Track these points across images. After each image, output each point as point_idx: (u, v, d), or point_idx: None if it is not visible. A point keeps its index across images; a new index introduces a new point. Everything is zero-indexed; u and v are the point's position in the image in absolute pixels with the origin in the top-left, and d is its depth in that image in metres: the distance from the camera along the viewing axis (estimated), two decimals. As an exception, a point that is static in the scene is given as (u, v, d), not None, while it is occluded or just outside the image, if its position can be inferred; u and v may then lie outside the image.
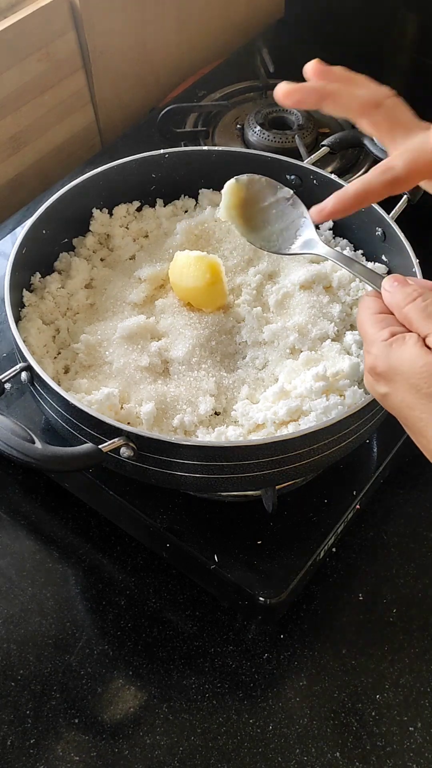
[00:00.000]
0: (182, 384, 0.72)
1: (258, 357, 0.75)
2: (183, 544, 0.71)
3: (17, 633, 0.71)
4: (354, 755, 0.65)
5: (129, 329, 0.74)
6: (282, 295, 0.78)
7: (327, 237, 0.85)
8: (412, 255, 0.75)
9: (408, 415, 0.51)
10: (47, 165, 1.08)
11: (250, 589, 0.68)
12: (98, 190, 0.83)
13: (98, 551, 0.76)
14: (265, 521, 0.73)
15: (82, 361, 0.74)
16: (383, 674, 0.69)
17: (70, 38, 1.01)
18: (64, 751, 0.65)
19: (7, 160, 1.02)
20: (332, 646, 0.71)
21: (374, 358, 0.52)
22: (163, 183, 0.86)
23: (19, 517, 0.78)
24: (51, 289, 0.79)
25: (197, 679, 0.69)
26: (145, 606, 0.73)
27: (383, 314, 0.54)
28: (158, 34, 1.13)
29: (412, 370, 0.50)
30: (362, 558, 0.75)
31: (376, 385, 0.52)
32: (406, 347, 0.51)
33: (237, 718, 0.67)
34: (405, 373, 0.50)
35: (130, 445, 0.63)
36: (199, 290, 0.75)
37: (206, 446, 0.64)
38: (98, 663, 0.69)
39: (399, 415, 0.52)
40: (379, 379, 0.52)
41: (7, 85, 0.96)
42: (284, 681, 0.69)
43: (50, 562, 0.75)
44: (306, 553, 0.71)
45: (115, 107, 1.12)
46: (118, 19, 1.05)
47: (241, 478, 0.66)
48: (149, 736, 0.66)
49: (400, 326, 0.53)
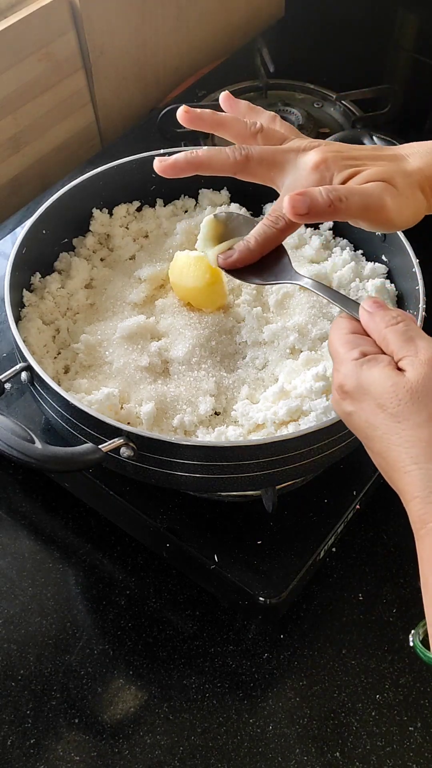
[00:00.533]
0: (182, 384, 0.72)
1: (258, 357, 0.75)
2: (183, 544, 0.71)
3: (17, 633, 0.71)
4: (354, 755, 0.65)
5: (129, 329, 0.74)
6: (282, 295, 0.78)
7: (327, 237, 0.85)
8: (412, 255, 0.75)
9: (371, 435, 0.50)
10: (47, 165, 1.08)
11: (250, 589, 0.68)
12: (98, 190, 0.83)
13: (98, 551, 0.76)
14: (265, 521, 0.73)
15: (82, 361, 0.74)
16: (383, 674, 0.69)
17: (70, 38, 1.01)
18: (64, 751, 0.65)
19: (7, 160, 1.02)
20: (332, 646, 0.71)
21: (343, 376, 0.52)
22: (163, 183, 0.86)
23: (19, 517, 0.78)
24: (51, 289, 0.79)
25: (197, 678, 0.69)
26: (145, 606, 0.73)
27: (356, 335, 0.54)
28: (158, 34, 1.13)
29: (380, 390, 0.50)
30: (362, 558, 0.75)
31: (342, 404, 0.52)
32: (376, 368, 0.51)
33: (237, 718, 0.67)
34: (372, 392, 0.50)
35: (130, 445, 0.63)
36: (199, 290, 0.75)
37: (206, 446, 0.64)
38: (98, 663, 0.69)
39: (362, 435, 0.52)
40: (346, 398, 0.52)
41: (7, 85, 0.96)
42: (284, 681, 0.69)
43: (50, 562, 0.75)
44: (306, 553, 0.71)
45: (115, 107, 1.12)
46: (118, 19, 1.05)
47: (241, 478, 0.66)
48: (149, 736, 0.66)
49: (373, 348, 0.53)
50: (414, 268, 0.75)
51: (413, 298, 0.75)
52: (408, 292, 0.77)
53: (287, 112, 1.08)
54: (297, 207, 0.56)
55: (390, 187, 0.58)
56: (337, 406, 0.53)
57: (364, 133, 0.90)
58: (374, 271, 0.81)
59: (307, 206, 0.56)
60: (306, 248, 0.83)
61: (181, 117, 0.64)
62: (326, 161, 0.60)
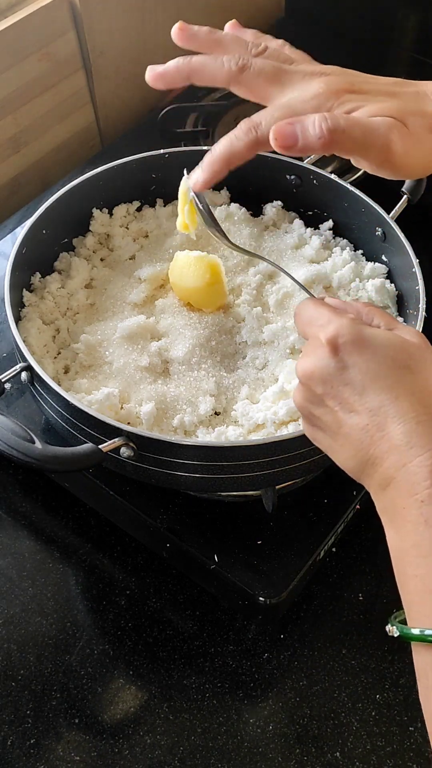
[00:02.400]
0: (182, 384, 0.72)
1: (258, 357, 0.75)
2: (183, 544, 0.71)
3: (17, 633, 0.71)
4: (354, 755, 0.65)
5: (129, 329, 0.74)
6: (282, 295, 0.78)
7: (327, 237, 0.85)
8: (412, 255, 0.75)
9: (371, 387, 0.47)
10: (47, 165, 1.08)
11: (250, 589, 0.68)
12: (98, 190, 0.83)
13: (98, 551, 0.76)
14: (265, 521, 0.73)
15: (82, 361, 0.74)
16: (383, 674, 0.69)
17: (70, 38, 1.01)
18: (64, 751, 0.65)
19: (7, 160, 1.02)
20: (332, 646, 0.71)
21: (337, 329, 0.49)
22: (163, 183, 0.86)
23: (19, 517, 0.78)
24: (51, 289, 0.79)
25: (197, 678, 0.69)
26: (145, 606, 0.73)
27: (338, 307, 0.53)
28: (158, 34, 1.13)
29: (390, 343, 0.49)
30: (362, 558, 0.75)
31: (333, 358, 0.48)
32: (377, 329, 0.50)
33: (237, 718, 0.67)
34: (381, 345, 0.49)
35: (130, 445, 0.63)
36: (199, 290, 0.75)
37: (206, 446, 0.64)
38: (98, 663, 0.69)
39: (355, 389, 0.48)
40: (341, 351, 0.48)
41: (7, 85, 0.96)
42: (284, 681, 0.69)
43: (50, 562, 0.75)
44: (306, 553, 0.71)
45: (115, 107, 1.12)
46: (118, 19, 1.05)
47: (241, 478, 0.66)
48: (149, 736, 0.66)
49: None
50: (414, 268, 0.75)
51: (413, 298, 0.75)
52: (408, 292, 0.77)
53: (287, 112, 1.08)
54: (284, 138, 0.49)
55: (399, 124, 0.51)
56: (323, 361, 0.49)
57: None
58: (374, 271, 0.81)
59: (296, 138, 0.49)
60: (306, 248, 0.83)
61: (175, 35, 0.57)
62: (329, 93, 0.52)
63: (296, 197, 0.87)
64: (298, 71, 0.55)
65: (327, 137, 0.49)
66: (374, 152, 0.51)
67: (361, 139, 0.50)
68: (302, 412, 0.53)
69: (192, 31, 0.58)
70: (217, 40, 0.57)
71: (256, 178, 0.86)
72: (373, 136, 0.50)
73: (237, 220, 0.85)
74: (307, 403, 0.52)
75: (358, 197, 0.81)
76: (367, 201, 0.80)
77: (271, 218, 0.87)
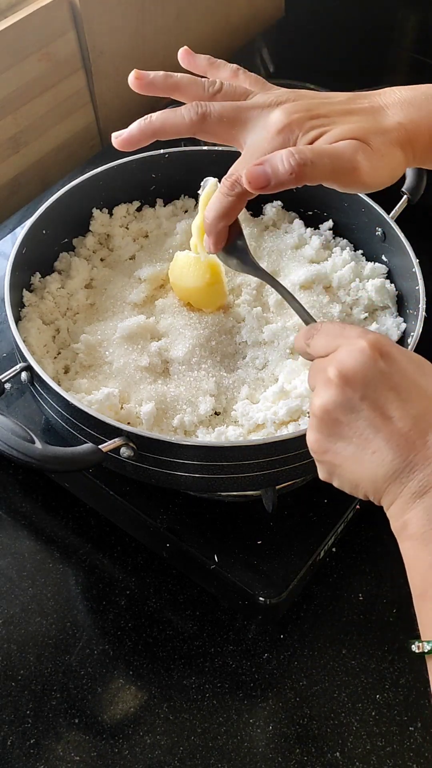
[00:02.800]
0: (182, 384, 0.72)
1: (258, 357, 0.75)
2: (183, 544, 0.71)
3: (18, 633, 0.71)
4: (354, 755, 0.65)
5: (129, 329, 0.74)
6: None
7: (327, 237, 0.85)
8: (412, 255, 0.75)
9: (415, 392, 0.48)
10: (47, 165, 1.08)
11: (250, 589, 0.68)
12: (98, 190, 0.83)
13: (98, 551, 0.76)
14: (265, 521, 0.73)
15: (82, 361, 0.74)
16: (383, 674, 0.69)
17: (70, 38, 1.01)
18: (64, 751, 0.65)
19: (7, 160, 1.02)
20: (332, 646, 0.71)
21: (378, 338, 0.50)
22: (163, 183, 0.86)
23: (19, 517, 0.78)
24: (51, 289, 0.79)
25: (197, 678, 0.69)
26: (145, 606, 0.73)
27: None
28: (158, 34, 1.13)
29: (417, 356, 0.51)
30: (362, 558, 0.75)
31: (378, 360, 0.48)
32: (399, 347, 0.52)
33: (237, 718, 0.67)
34: (412, 355, 0.50)
35: (130, 445, 0.63)
36: (199, 290, 0.75)
37: (206, 446, 0.64)
38: (98, 663, 0.69)
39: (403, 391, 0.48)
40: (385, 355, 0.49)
41: (7, 85, 0.96)
42: (284, 681, 0.69)
43: (50, 562, 0.75)
44: (306, 553, 0.71)
45: (115, 107, 1.12)
46: (118, 19, 1.05)
47: (241, 478, 0.66)
48: (149, 736, 0.66)
49: None
50: (414, 268, 0.75)
51: (413, 298, 0.75)
52: (408, 292, 0.77)
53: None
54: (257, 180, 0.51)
55: (363, 145, 0.53)
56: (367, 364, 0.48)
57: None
58: (374, 271, 0.81)
59: (268, 178, 0.51)
60: (306, 248, 0.83)
61: (132, 83, 0.59)
62: (291, 125, 0.54)
63: (296, 197, 0.87)
64: (255, 106, 0.56)
65: (297, 171, 0.51)
66: (343, 177, 0.53)
67: (330, 166, 0.52)
68: (324, 419, 0.50)
69: (148, 78, 0.59)
70: (174, 85, 0.59)
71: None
72: (340, 162, 0.52)
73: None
74: (338, 409, 0.49)
75: (358, 197, 0.81)
76: (367, 201, 0.80)
77: (271, 218, 0.87)
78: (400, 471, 0.48)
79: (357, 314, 0.78)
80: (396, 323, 0.77)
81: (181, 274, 0.76)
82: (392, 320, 0.77)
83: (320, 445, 0.51)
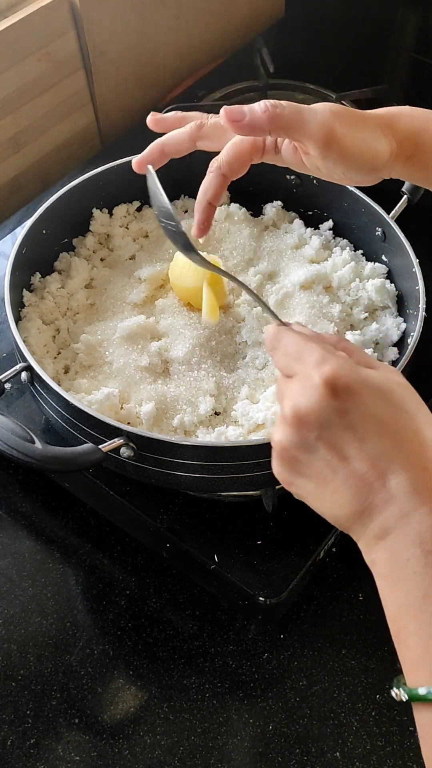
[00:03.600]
0: (182, 384, 0.72)
1: (258, 357, 0.75)
2: (183, 544, 0.71)
3: (18, 633, 0.71)
4: (354, 755, 0.65)
5: (129, 329, 0.74)
6: (282, 295, 0.78)
7: (327, 237, 0.85)
8: (412, 255, 0.75)
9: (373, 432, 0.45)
10: (47, 165, 1.08)
11: (250, 589, 0.68)
12: (98, 190, 0.83)
13: (98, 551, 0.76)
14: (265, 521, 0.73)
15: (82, 361, 0.74)
16: (383, 674, 0.69)
17: (70, 38, 1.01)
18: (64, 751, 0.65)
19: (7, 160, 1.02)
20: (332, 646, 0.71)
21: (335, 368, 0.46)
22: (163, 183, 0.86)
23: (19, 517, 0.78)
24: (51, 289, 0.79)
25: (197, 678, 0.69)
26: (145, 606, 0.73)
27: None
28: (158, 34, 1.13)
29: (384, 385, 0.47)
30: (362, 558, 0.75)
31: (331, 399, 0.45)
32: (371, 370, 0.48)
33: (237, 718, 0.67)
34: (376, 386, 0.46)
35: (130, 445, 0.63)
36: (199, 290, 0.75)
37: (206, 446, 0.64)
38: (98, 663, 0.69)
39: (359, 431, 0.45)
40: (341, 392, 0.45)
41: (7, 85, 0.96)
42: (284, 681, 0.69)
43: (50, 562, 0.75)
44: (306, 553, 0.71)
45: (115, 107, 1.12)
46: (118, 19, 1.05)
47: (241, 478, 0.66)
48: (149, 736, 0.66)
49: None
50: (414, 268, 0.75)
51: (413, 298, 0.75)
52: (408, 292, 0.77)
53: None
54: (232, 112, 0.54)
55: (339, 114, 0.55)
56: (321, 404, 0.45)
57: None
58: (374, 271, 0.81)
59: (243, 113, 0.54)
60: (306, 248, 0.83)
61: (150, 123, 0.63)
62: None
63: (296, 197, 0.87)
64: None
65: (271, 111, 0.53)
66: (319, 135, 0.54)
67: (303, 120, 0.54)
68: (282, 456, 0.49)
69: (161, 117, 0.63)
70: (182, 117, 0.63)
71: (256, 178, 0.85)
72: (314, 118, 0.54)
73: (237, 220, 0.85)
74: (294, 448, 0.48)
75: (358, 197, 0.81)
76: (367, 201, 0.80)
77: (271, 218, 0.87)
78: (360, 513, 0.46)
79: (357, 314, 0.78)
80: (396, 323, 0.77)
81: (181, 274, 0.76)
82: (392, 320, 0.77)
83: (283, 478, 0.50)
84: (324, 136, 0.54)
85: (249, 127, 0.54)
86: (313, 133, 0.54)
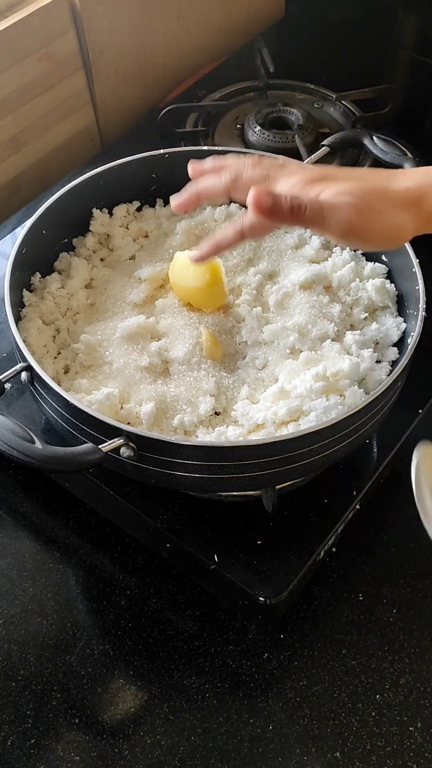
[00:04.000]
0: (182, 384, 0.72)
1: (258, 357, 0.75)
2: (183, 544, 0.71)
3: (18, 633, 0.71)
4: (354, 755, 0.65)
5: (129, 329, 0.74)
6: (282, 295, 0.78)
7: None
8: (412, 255, 0.75)
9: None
10: (47, 165, 1.08)
11: (250, 589, 0.68)
12: (98, 190, 0.83)
13: (98, 551, 0.76)
14: (265, 521, 0.73)
15: (82, 361, 0.74)
16: (383, 674, 0.69)
17: (70, 38, 1.01)
18: (64, 751, 0.65)
19: (7, 160, 1.02)
20: (332, 646, 0.71)
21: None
22: (163, 183, 0.86)
23: (19, 517, 0.78)
24: (51, 289, 0.79)
25: (197, 678, 0.69)
26: (146, 606, 0.73)
27: None
28: (158, 34, 1.13)
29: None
30: (362, 558, 0.75)
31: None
32: None
33: (237, 718, 0.67)
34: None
35: (130, 445, 0.63)
36: (199, 290, 0.75)
37: (206, 446, 0.64)
38: (98, 663, 0.69)
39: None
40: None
41: (7, 85, 0.96)
42: (284, 681, 0.69)
43: (51, 563, 0.75)
44: (306, 553, 0.71)
45: (115, 107, 1.12)
46: (118, 19, 1.05)
47: (241, 478, 0.66)
48: (149, 736, 0.66)
49: None
50: (414, 268, 0.75)
51: (413, 298, 0.75)
52: (408, 292, 0.77)
53: (287, 112, 1.08)
54: (261, 200, 0.57)
55: (359, 202, 0.57)
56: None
57: (363, 133, 0.90)
58: (374, 271, 0.81)
59: (270, 204, 0.57)
60: (306, 248, 0.83)
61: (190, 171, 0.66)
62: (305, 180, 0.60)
63: (296, 197, 0.86)
64: (284, 171, 0.62)
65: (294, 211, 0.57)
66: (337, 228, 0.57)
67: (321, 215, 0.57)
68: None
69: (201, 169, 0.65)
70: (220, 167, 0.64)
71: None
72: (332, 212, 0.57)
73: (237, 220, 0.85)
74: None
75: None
76: (367, 201, 0.80)
77: (271, 218, 0.87)
78: None
79: (357, 314, 0.78)
80: (396, 323, 0.77)
81: (181, 274, 0.76)
82: (392, 320, 0.77)
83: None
84: (342, 232, 0.58)
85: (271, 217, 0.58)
86: (333, 230, 0.58)
